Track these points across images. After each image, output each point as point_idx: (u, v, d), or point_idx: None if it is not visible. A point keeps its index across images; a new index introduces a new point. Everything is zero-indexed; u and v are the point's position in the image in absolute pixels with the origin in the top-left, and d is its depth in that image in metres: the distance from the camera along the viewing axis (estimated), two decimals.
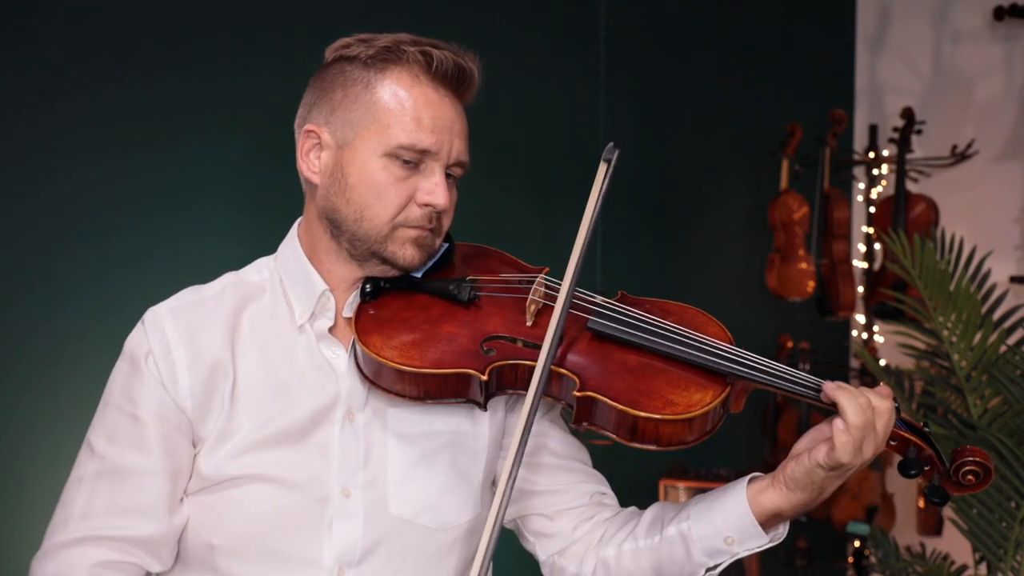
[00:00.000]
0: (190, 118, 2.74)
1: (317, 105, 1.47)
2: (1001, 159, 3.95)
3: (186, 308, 1.48)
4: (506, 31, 3.41)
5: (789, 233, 3.87)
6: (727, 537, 1.43)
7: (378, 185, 1.43)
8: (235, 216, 2.76)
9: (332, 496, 1.44)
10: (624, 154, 1.47)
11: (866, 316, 4.04)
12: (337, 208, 1.45)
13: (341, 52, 1.47)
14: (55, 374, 2.61)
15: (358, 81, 1.44)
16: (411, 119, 1.42)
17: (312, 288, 1.48)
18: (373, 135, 1.42)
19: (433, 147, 1.43)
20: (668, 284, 3.90)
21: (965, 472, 1.41)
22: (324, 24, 2.94)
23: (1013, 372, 2.53)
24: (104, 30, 2.66)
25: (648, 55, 3.78)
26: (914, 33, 4.21)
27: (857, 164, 4.13)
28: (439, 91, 1.44)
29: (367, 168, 1.43)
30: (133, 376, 1.45)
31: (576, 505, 1.57)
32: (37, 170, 2.60)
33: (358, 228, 1.44)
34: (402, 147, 1.41)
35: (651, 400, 1.36)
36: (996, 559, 2.55)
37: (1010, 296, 2.91)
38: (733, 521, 1.42)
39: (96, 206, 2.65)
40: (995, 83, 3.99)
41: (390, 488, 1.46)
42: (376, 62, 1.44)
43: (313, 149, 1.46)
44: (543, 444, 1.57)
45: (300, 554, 1.43)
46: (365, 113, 1.43)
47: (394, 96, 1.43)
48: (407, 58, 1.43)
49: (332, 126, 1.45)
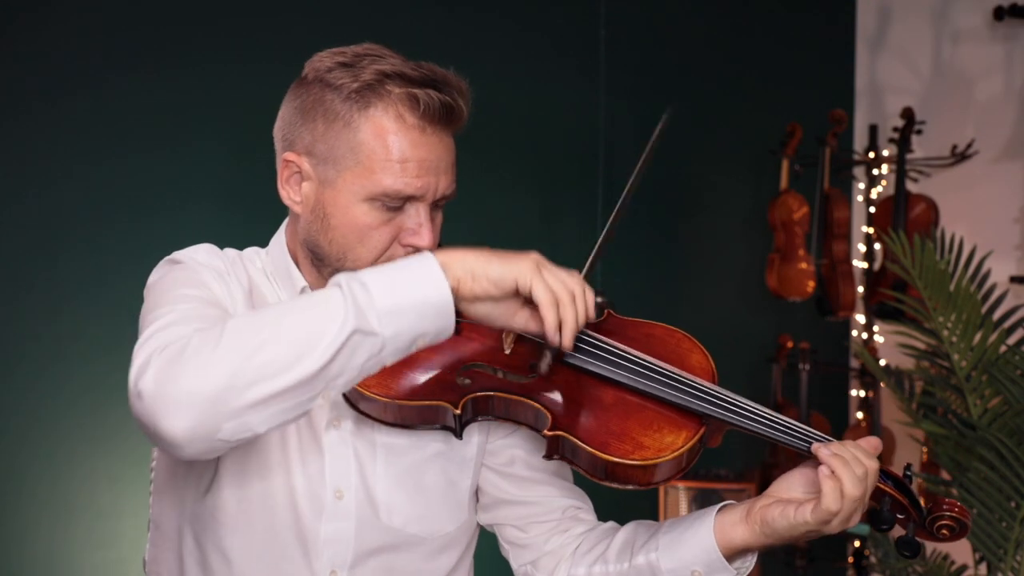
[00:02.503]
0: (191, 118, 2.74)
1: (297, 130, 1.41)
2: (1001, 159, 3.94)
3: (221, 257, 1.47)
4: (506, 31, 3.41)
5: (789, 233, 3.86)
6: (694, 571, 1.42)
7: (361, 229, 1.38)
8: (236, 216, 2.76)
9: (325, 497, 1.43)
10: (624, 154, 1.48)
11: (866, 316, 4.03)
12: (319, 245, 1.42)
13: (323, 75, 1.39)
14: (55, 374, 2.62)
15: (339, 117, 1.37)
16: (396, 164, 1.36)
17: (293, 285, 1.47)
18: (356, 177, 1.37)
19: (418, 191, 1.37)
20: (668, 284, 3.90)
21: (940, 526, 1.38)
22: (324, 24, 2.94)
23: (1013, 372, 2.53)
24: (104, 30, 2.66)
25: (648, 55, 3.78)
26: (914, 33, 4.20)
27: (857, 164, 4.12)
28: (425, 131, 1.37)
29: (350, 212, 1.38)
30: (191, 271, 1.40)
31: (548, 519, 1.56)
32: (37, 170, 2.60)
33: (341, 266, 1.40)
34: (385, 194, 1.36)
35: (621, 443, 1.33)
36: (996, 559, 2.55)
37: (1010, 296, 2.91)
38: (700, 555, 1.41)
39: (96, 206, 2.65)
40: (995, 83, 3.99)
41: (379, 495, 1.46)
42: (359, 98, 1.36)
43: (293, 176, 1.42)
44: (518, 456, 1.56)
45: (292, 555, 1.43)
46: (347, 153, 1.37)
47: (377, 139, 1.36)
48: (391, 98, 1.36)
49: (313, 158, 1.40)
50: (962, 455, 2.65)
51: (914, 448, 3.84)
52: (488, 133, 3.30)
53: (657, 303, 3.80)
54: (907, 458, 3.98)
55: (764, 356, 4.00)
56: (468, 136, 1.51)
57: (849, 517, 1.33)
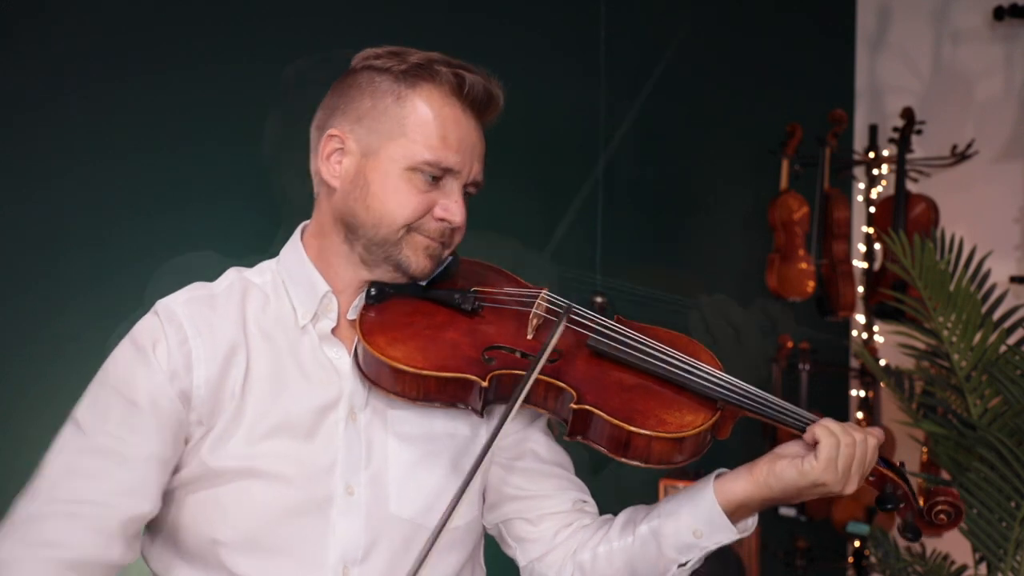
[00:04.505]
0: (191, 118, 2.74)
1: (342, 110, 1.48)
2: (1001, 159, 3.94)
3: (199, 301, 1.49)
4: (506, 31, 3.41)
5: (789, 233, 3.87)
6: (695, 530, 1.46)
7: (399, 195, 1.46)
8: (236, 217, 2.76)
9: (336, 493, 1.44)
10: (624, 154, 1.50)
11: (866, 316, 4.04)
12: (356, 213, 1.47)
13: (371, 62, 1.49)
14: (55, 374, 2.61)
15: (388, 93, 1.46)
16: (438, 136, 1.45)
17: (314, 290, 1.50)
18: (399, 147, 1.45)
19: (456, 166, 1.47)
20: (668, 284, 3.90)
21: (937, 512, 1.47)
22: (324, 25, 2.94)
23: (1013, 372, 2.53)
24: (105, 30, 2.66)
25: (648, 55, 3.78)
26: (914, 33, 4.20)
27: (857, 164, 4.13)
28: (467, 113, 1.49)
29: (389, 178, 1.46)
30: (137, 362, 1.44)
31: (559, 510, 1.58)
32: (37, 170, 2.59)
33: (375, 233, 1.46)
34: (427, 163, 1.45)
35: (645, 418, 1.40)
36: (996, 559, 2.55)
37: (1010, 296, 2.91)
38: (701, 514, 1.46)
39: (96, 206, 2.65)
40: (995, 83, 3.99)
41: (391, 487, 1.47)
42: (408, 77, 1.47)
43: (335, 153, 1.49)
44: (530, 449, 1.59)
45: (304, 551, 1.43)
46: (394, 125, 1.46)
47: (425, 112, 1.46)
48: (440, 77, 1.47)
49: (357, 134, 1.47)
50: (962, 455, 2.65)
51: (914, 448, 3.85)
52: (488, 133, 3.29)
53: (657, 303, 3.80)
54: (907, 458, 3.98)
55: (764, 356, 4.00)
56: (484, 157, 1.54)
57: (849, 470, 1.40)
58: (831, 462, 1.40)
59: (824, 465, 1.40)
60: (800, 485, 1.42)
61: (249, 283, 1.53)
